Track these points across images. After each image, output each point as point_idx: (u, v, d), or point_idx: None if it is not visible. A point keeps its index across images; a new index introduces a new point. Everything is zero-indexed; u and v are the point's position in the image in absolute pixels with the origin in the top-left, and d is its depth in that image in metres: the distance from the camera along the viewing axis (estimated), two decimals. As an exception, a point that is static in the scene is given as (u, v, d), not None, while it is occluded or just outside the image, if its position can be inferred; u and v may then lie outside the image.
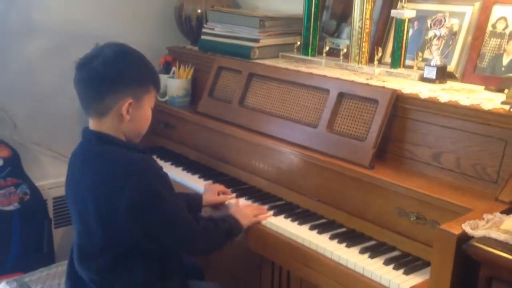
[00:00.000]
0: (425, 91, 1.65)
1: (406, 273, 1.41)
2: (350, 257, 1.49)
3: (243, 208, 1.76)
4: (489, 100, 1.54)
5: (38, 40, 2.36)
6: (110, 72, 1.45)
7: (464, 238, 1.19)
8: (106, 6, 2.53)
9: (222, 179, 2.04)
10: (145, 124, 1.55)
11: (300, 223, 1.68)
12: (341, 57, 2.08)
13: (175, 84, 2.38)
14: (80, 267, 1.52)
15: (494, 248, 1.13)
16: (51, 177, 2.46)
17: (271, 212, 1.76)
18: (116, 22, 2.56)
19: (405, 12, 1.86)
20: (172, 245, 1.53)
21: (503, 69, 1.72)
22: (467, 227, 1.19)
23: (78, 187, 1.49)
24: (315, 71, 1.96)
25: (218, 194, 1.89)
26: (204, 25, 2.43)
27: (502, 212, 1.30)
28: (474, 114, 1.51)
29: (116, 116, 1.47)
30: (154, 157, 2.23)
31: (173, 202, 1.48)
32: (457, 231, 1.20)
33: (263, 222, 1.71)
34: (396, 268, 1.43)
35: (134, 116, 1.48)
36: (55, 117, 2.47)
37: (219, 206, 1.86)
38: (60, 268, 1.97)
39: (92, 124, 1.50)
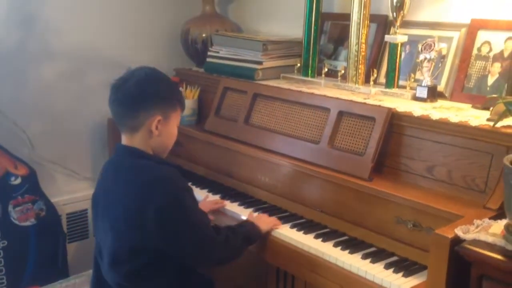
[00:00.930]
0: (418, 109, 1.81)
1: (405, 275, 1.55)
2: (354, 262, 1.63)
3: (260, 216, 1.90)
4: (476, 117, 1.70)
5: (54, 64, 2.50)
6: (142, 91, 1.62)
7: (457, 241, 1.33)
8: (117, 32, 2.69)
9: (229, 193, 2.17)
10: (171, 139, 1.72)
11: (306, 233, 1.82)
12: (339, 78, 2.23)
13: (182, 104, 2.53)
14: (109, 273, 1.64)
15: (484, 249, 1.27)
16: (65, 194, 2.59)
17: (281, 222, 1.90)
18: (127, 46, 2.72)
19: (398, 37, 2.03)
20: (193, 255, 1.64)
21: (488, 88, 1.88)
22: (459, 232, 1.34)
23: (111, 196, 1.62)
24: (315, 91, 2.12)
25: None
26: (210, 48, 2.58)
27: (490, 218, 1.45)
28: (463, 130, 1.66)
29: (146, 131, 1.63)
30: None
31: (197, 213, 1.63)
32: (450, 235, 1.34)
33: (272, 232, 1.85)
34: (396, 271, 1.57)
35: (162, 132, 1.65)
36: (69, 137, 2.61)
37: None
38: (78, 280, 2.09)
39: (125, 139, 1.66)
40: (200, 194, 2.20)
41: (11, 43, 2.36)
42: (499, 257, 1.25)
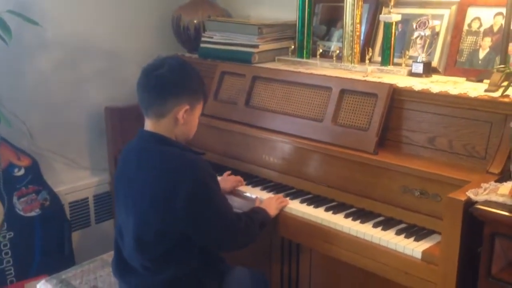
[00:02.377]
0: (417, 84, 1.90)
1: (417, 240, 1.65)
2: (366, 230, 1.72)
3: (266, 200, 1.97)
4: (473, 89, 1.81)
5: (50, 54, 2.51)
6: (175, 78, 1.66)
7: (469, 203, 1.44)
8: (110, 21, 2.70)
9: (235, 175, 2.23)
10: (193, 129, 1.76)
11: (316, 206, 1.90)
12: (334, 58, 2.31)
13: (179, 90, 2.57)
14: (135, 256, 1.68)
15: (496, 208, 1.38)
16: (66, 183, 2.60)
17: (288, 199, 1.98)
18: (120, 35, 2.74)
19: (393, 16, 2.11)
20: (218, 239, 1.70)
21: (480, 62, 1.99)
22: (471, 194, 1.44)
23: (135, 183, 1.66)
24: (314, 71, 2.19)
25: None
26: (203, 34, 2.62)
27: (495, 182, 1.56)
28: (462, 101, 1.76)
29: (173, 119, 1.67)
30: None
31: (223, 199, 1.69)
32: (463, 198, 1.44)
33: (284, 208, 1.93)
34: (407, 236, 1.67)
35: (187, 121, 1.70)
36: (68, 127, 2.63)
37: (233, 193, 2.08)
38: (91, 265, 2.11)
39: (149, 125, 1.69)
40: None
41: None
42: (510, 215, 1.36)
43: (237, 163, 2.30)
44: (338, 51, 2.31)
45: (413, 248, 1.61)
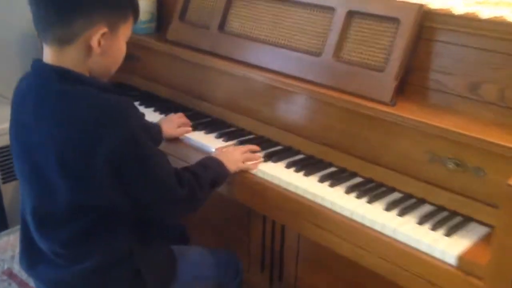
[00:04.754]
0: (458, 5, 1.33)
1: (448, 234, 1.15)
2: (375, 216, 1.22)
3: (230, 150, 1.46)
4: (541, 15, 1.24)
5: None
6: None
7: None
8: None
9: (204, 121, 1.71)
10: (118, 60, 1.22)
11: (306, 174, 1.39)
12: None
13: (136, 7, 1.97)
14: (39, 237, 1.20)
15: None
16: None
17: (261, 156, 1.47)
18: None
19: None
20: (153, 209, 1.23)
21: (545, -24, 1.41)
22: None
23: (32, 136, 1.14)
24: (312, -15, 1.60)
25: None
26: None
27: None
28: (524, 33, 1.21)
29: (84, 47, 1.12)
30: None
31: (159, 158, 1.19)
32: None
33: (259, 173, 1.41)
34: (435, 228, 1.17)
35: (106, 49, 1.15)
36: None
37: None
38: (12, 236, 1.63)
39: (49, 55, 1.14)
40: (165, 123, 1.72)
41: None
42: None
43: (208, 106, 1.76)
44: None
45: (444, 248, 1.11)
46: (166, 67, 1.88)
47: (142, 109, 1.80)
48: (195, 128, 1.66)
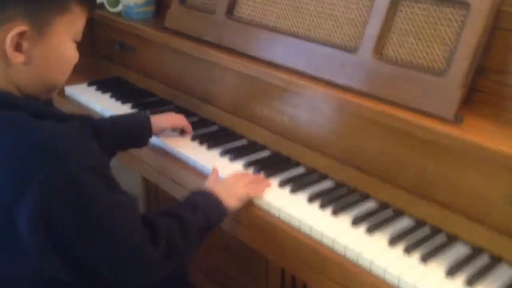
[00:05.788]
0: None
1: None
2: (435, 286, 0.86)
3: (230, 181, 1.10)
4: None
5: None
6: None
7: None
8: None
9: (208, 132, 1.37)
10: (59, 68, 0.87)
11: (335, 212, 1.03)
12: None
13: (131, -13, 1.62)
14: None
15: None
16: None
17: (273, 182, 1.12)
18: None
19: None
20: (112, 276, 0.89)
21: None
22: None
23: None
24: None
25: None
26: None
27: None
28: None
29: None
30: (108, 95, 1.56)
31: (118, 204, 0.84)
32: None
33: (273, 210, 1.06)
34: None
35: (34, 55, 0.81)
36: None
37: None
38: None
39: None
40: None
41: None
42: None
43: (213, 111, 1.42)
44: None
45: None
46: (164, 61, 1.54)
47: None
48: (195, 139, 1.32)
